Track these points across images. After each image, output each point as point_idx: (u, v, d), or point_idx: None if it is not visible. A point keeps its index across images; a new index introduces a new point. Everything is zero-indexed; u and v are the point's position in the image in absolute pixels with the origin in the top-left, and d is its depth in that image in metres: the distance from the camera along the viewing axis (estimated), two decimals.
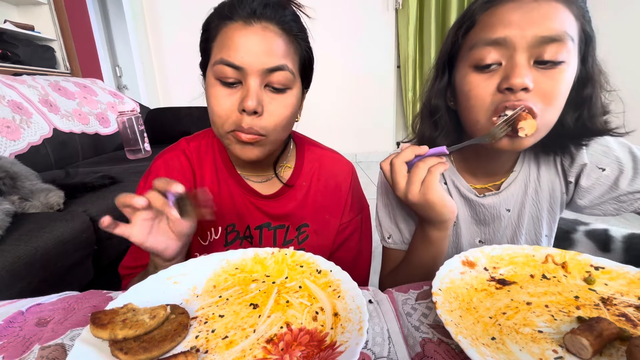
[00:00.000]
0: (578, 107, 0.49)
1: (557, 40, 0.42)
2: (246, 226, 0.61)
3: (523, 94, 0.43)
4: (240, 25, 0.46)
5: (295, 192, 0.62)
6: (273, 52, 0.47)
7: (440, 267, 0.39)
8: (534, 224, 0.61)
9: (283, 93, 0.49)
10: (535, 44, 0.42)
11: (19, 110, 1.39)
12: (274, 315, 0.36)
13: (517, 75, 0.42)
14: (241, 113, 0.47)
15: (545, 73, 0.43)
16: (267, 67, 0.46)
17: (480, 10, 0.47)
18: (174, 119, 2.07)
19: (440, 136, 0.56)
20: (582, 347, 0.28)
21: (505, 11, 0.44)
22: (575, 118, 0.49)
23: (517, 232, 0.61)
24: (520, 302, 0.36)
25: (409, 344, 0.33)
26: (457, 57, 0.51)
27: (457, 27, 0.51)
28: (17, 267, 0.72)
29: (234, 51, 0.46)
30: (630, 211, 0.53)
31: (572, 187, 0.56)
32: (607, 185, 0.53)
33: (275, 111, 0.49)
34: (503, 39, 0.44)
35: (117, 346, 0.29)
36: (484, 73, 0.46)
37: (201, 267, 0.44)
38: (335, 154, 0.68)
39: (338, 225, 0.65)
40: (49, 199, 0.95)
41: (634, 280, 0.38)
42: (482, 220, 0.62)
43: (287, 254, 0.45)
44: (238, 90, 0.48)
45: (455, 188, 0.61)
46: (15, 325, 0.36)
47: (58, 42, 2.33)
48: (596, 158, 0.53)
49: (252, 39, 0.46)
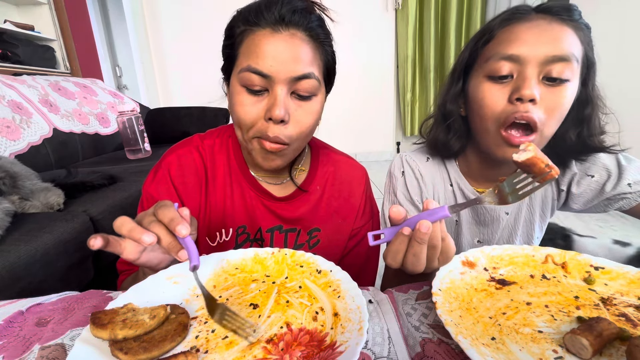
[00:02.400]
0: (578, 126, 0.54)
1: (564, 59, 0.47)
2: (257, 228, 0.60)
3: (530, 106, 0.48)
4: (268, 32, 0.45)
5: (309, 196, 0.61)
6: (300, 60, 0.46)
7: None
8: (527, 227, 0.66)
9: (309, 100, 0.49)
10: (545, 61, 0.47)
11: (19, 110, 1.39)
12: (274, 315, 0.36)
13: (527, 87, 0.47)
14: (267, 121, 0.47)
15: (551, 89, 0.48)
16: (294, 76, 0.45)
17: (500, 26, 0.52)
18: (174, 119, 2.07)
19: (452, 139, 0.60)
20: (582, 347, 0.28)
21: (521, 30, 0.49)
22: (577, 135, 0.54)
23: (513, 233, 0.65)
24: (520, 302, 0.36)
25: (409, 344, 0.33)
26: (474, 66, 0.55)
27: (476, 39, 0.55)
28: (17, 267, 0.72)
29: (262, 59, 0.45)
30: (615, 209, 0.59)
31: (563, 195, 0.62)
32: (597, 190, 0.58)
33: (301, 119, 0.48)
34: (517, 55, 0.48)
35: (117, 346, 0.29)
36: (497, 83, 0.51)
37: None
38: (349, 159, 0.67)
39: (350, 230, 0.64)
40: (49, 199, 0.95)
41: (633, 280, 0.38)
42: (482, 221, 0.65)
43: (287, 254, 0.45)
44: (264, 97, 0.47)
45: (460, 190, 0.65)
46: (15, 325, 0.36)
47: (58, 42, 2.33)
48: (585, 166, 0.58)
49: (280, 47, 0.45)
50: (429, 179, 0.67)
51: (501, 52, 0.50)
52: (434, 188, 0.67)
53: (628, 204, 0.56)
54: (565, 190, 0.60)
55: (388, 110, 3.60)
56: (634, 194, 0.55)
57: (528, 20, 0.49)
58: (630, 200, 0.56)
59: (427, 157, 0.68)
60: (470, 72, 0.56)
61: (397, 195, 0.68)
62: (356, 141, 3.65)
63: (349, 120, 3.56)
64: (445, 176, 0.67)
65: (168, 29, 3.23)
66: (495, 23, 0.53)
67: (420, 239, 0.36)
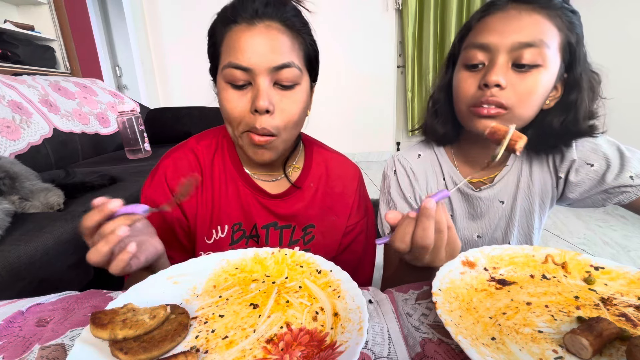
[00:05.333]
0: (565, 111, 0.55)
1: (532, 45, 0.49)
2: (253, 225, 0.61)
3: (497, 91, 0.50)
4: (244, 27, 0.47)
5: (303, 193, 0.63)
6: (278, 50, 0.47)
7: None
8: (526, 216, 0.65)
9: (292, 89, 0.50)
10: (512, 48, 0.50)
11: (19, 110, 1.39)
12: (274, 315, 0.36)
13: (492, 74, 0.50)
14: (254, 114, 0.48)
15: (522, 75, 0.50)
16: (274, 65, 0.47)
17: (475, 19, 0.55)
18: (174, 119, 2.07)
19: (439, 123, 0.64)
20: (582, 347, 0.28)
21: (493, 20, 0.52)
22: (561, 121, 0.55)
23: (510, 224, 0.65)
24: (520, 302, 0.36)
25: (409, 344, 0.33)
26: (457, 58, 0.58)
27: (459, 33, 0.60)
28: (17, 267, 0.72)
29: (241, 53, 0.46)
30: (614, 203, 0.58)
31: (562, 183, 0.61)
32: (595, 179, 0.57)
33: (287, 108, 0.50)
34: (487, 43, 0.51)
35: (117, 346, 0.29)
36: (471, 72, 0.54)
37: (201, 267, 0.44)
38: (342, 157, 0.69)
39: (344, 227, 0.65)
40: (49, 199, 0.95)
41: (633, 280, 0.38)
42: (478, 214, 0.66)
43: (287, 254, 0.45)
44: (248, 91, 0.49)
45: (453, 183, 0.66)
46: (15, 325, 0.36)
47: (58, 42, 2.33)
48: (585, 155, 0.58)
49: (257, 39, 0.46)
50: (421, 175, 0.68)
51: (474, 41, 0.53)
52: (427, 184, 0.68)
53: (628, 197, 0.55)
54: (564, 178, 0.60)
55: (388, 110, 3.59)
56: (635, 187, 0.54)
57: (501, 10, 0.52)
58: (630, 194, 0.55)
59: (418, 154, 0.70)
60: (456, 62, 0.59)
61: (391, 194, 0.69)
62: (356, 141, 3.65)
63: (349, 120, 3.56)
64: (437, 170, 0.68)
65: (168, 29, 3.23)
66: (473, 16, 0.56)
67: (427, 214, 0.38)
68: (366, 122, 3.58)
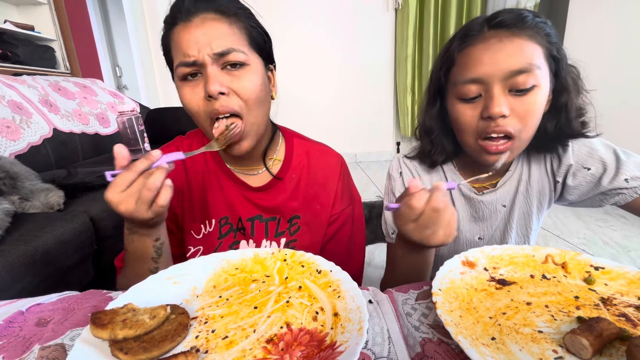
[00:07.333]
0: (556, 115, 0.56)
1: (525, 71, 0.49)
2: (238, 218, 0.62)
3: (502, 120, 0.51)
4: (182, 26, 0.50)
5: (285, 185, 0.64)
6: (217, 37, 0.49)
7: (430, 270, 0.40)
8: (524, 218, 0.66)
9: (241, 69, 0.51)
10: (506, 77, 0.49)
11: (19, 110, 1.39)
12: (274, 315, 0.36)
13: (494, 106, 0.50)
14: (209, 100, 0.50)
15: (520, 99, 0.50)
16: (216, 52, 0.49)
17: (458, 50, 0.55)
18: (174, 119, 2.07)
19: (435, 153, 0.64)
20: (582, 347, 0.28)
21: (476, 52, 0.52)
22: (554, 124, 0.56)
23: (509, 225, 0.66)
24: (520, 302, 0.36)
25: (409, 344, 0.33)
26: (445, 89, 0.59)
27: (439, 67, 0.58)
28: (17, 267, 0.72)
29: (185, 49, 0.49)
30: (610, 204, 0.59)
31: (559, 187, 0.62)
32: (592, 182, 0.58)
33: (241, 88, 0.51)
34: (479, 77, 0.51)
35: (117, 346, 0.29)
36: (468, 104, 0.54)
37: (201, 268, 0.44)
38: (323, 147, 0.69)
39: (329, 216, 0.66)
40: (49, 199, 0.95)
41: (633, 280, 0.38)
42: (480, 217, 0.66)
43: (287, 254, 0.45)
44: (200, 81, 0.51)
45: (458, 188, 0.66)
46: (15, 325, 0.36)
47: (58, 42, 2.33)
48: (582, 159, 0.58)
49: (195, 34, 0.49)
50: (426, 179, 0.68)
51: (464, 77, 0.53)
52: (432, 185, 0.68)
53: (624, 199, 0.56)
54: (561, 182, 0.61)
55: (388, 111, 3.59)
56: (630, 189, 0.55)
57: (482, 41, 0.51)
58: (626, 195, 0.56)
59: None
60: (444, 92, 0.59)
61: (395, 195, 0.69)
62: (356, 141, 3.65)
63: (349, 121, 3.56)
64: (442, 176, 0.68)
65: None
66: (453, 48, 0.55)
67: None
68: (366, 122, 3.58)
